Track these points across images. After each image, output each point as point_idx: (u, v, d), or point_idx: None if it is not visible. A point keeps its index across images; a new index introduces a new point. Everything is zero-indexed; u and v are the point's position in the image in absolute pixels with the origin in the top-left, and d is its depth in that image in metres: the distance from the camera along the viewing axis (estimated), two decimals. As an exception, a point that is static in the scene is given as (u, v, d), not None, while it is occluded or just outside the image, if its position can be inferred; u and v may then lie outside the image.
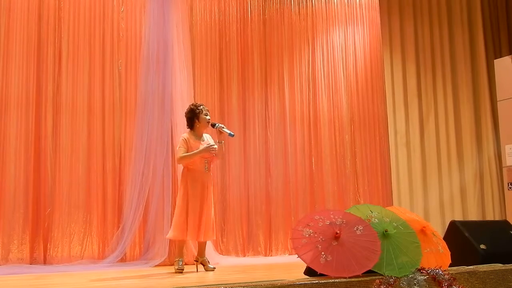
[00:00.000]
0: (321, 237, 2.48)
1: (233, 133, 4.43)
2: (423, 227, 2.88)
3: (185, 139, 4.50)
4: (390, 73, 7.59)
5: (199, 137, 4.60)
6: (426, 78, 7.75)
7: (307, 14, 7.49)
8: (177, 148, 4.67)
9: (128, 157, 6.07)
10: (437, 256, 2.79)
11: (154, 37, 5.93)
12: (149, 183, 5.80)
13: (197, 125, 4.62)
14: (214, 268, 4.69)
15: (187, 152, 4.50)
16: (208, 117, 4.54)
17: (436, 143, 7.36)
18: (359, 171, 7.41)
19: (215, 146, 4.39)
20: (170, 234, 4.48)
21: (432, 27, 7.55)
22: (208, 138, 4.69)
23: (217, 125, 4.45)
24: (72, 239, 5.70)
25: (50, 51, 5.93)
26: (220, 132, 4.53)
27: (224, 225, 6.65)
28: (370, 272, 2.50)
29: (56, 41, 6.00)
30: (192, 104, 4.69)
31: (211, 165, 4.63)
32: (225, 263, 5.76)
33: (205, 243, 4.61)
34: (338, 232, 2.49)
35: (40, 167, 5.72)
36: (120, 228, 5.80)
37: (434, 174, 7.26)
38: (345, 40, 7.66)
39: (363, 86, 7.68)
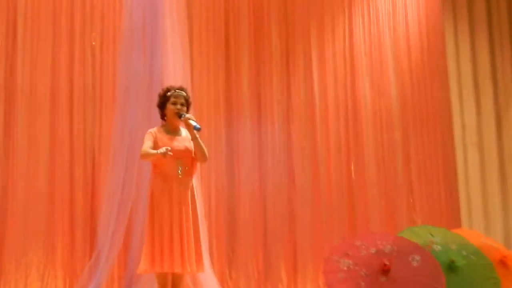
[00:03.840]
0: (364, 270, 2.49)
1: (199, 126, 4.44)
2: (503, 256, 2.90)
3: (151, 133, 4.54)
4: (454, 48, 7.50)
5: (173, 132, 4.62)
6: (504, 55, 7.62)
7: (343, -31, 7.50)
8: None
9: (104, 161, 6.14)
10: (523, 297, 2.68)
11: (138, 4, 6.03)
12: (132, 196, 5.86)
13: (167, 116, 4.62)
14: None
15: (151, 140, 4.48)
16: (177, 106, 4.53)
17: (519, 142, 7.24)
18: (414, 181, 7.39)
19: (170, 153, 4.31)
20: (140, 267, 4.51)
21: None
22: (187, 133, 4.60)
23: (183, 115, 4.47)
24: (29, 272, 5.71)
25: (2, 23, 6.06)
26: (188, 125, 4.47)
27: (232, 254, 6.71)
28: (432, 321, 2.41)
29: (10, 10, 6.12)
30: (161, 89, 4.73)
31: (192, 169, 4.55)
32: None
33: (183, 277, 4.58)
34: (387, 263, 2.49)
35: (-17, 175, 5.87)
36: (93, 258, 5.83)
37: (517, 185, 7.36)
38: (392, 5, 7.66)
39: (418, 66, 7.63)
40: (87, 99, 6.28)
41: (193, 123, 4.41)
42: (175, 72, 6.03)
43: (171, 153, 4.24)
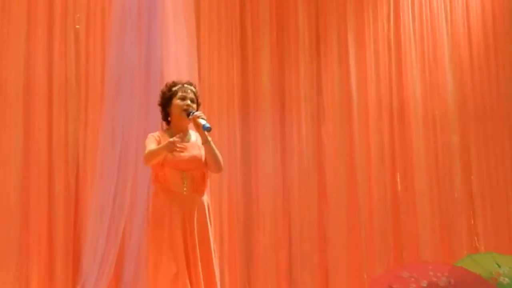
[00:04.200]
0: (413, 307, 2.34)
1: (208, 125, 4.29)
2: None
3: (154, 136, 4.45)
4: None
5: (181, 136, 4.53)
6: None
7: None
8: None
9: (90, 170, 6.13)
10: None
11: (132, -22, 6.03)
12: (126, 213, 5.85)
13: (172, 116, 4.51)
14: None
15: (154, 141, 4.37)
16: (185, 102, 4.41)
17: None
18: (476, 195, 7.37)
19: (180, 143, 4.17)
20: None
21: None
22: (197, 137, 4.56)
23: (192, 113, 4.37)
24: (-1, 307, 5.76)
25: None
26: (197, 124, 4.36)
27: (249, 285, 6.71)
28: None
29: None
30: (166, 85, 4.61)
31: (202, 183, 4.40)
32: None
33: None
34: (442, 300, 2.33)
35: None
36: (77, 290, 5.80)
37: None
38: (448, -23, 7.69)
39: (480, 53, 7.63)
40: (70, 94, 6.26)
41: (202, 121, 4.31)
42: (178, 62, 6.01)
43: (181, 145, 4.15)
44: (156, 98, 5.54)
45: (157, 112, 5.72)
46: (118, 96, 6.01)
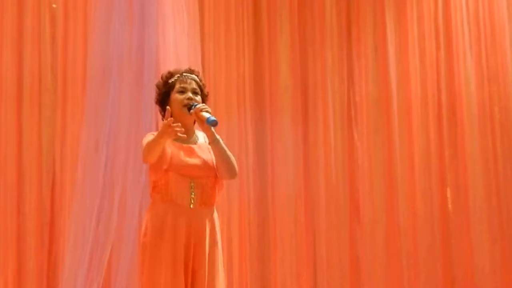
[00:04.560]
0: None
1: (214, 118, 4.24)
2: None
3: (153, 135, 4.37)
4: None
5: (186, 137, 4.43)
6: None
7: None
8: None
9: (69, 184, 6.13)
10: None
11: None
12: (111, 238, 5.76)
13: (173, 114, 4.41)
14: None
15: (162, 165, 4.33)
16: (186, 95, 4.37)
17: None
18: None
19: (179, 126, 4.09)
20: None
21: None
22: (206, 138, 4.44)
23: (193, 106, 4.32)
24: None
25: None
26: (200, 118, 4.29)
27: None
28: None
29: None
30: (161, 77, 4.57)
31: (212, 193, 4.33)
32: None
33: None
34: None
35: None
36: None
37: None
38: None
39: None
40: (43, 89, 6.25)
41: (206, 114, 4.23)
42: (177, 50, 5.98)
43: (179, 129, 4.07)
44: (150, 94, 5.51)
45: (151, 112, 5.83)
46: (103, 92, 5.90)
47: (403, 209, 7.17)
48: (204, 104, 4.33)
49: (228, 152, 4.29)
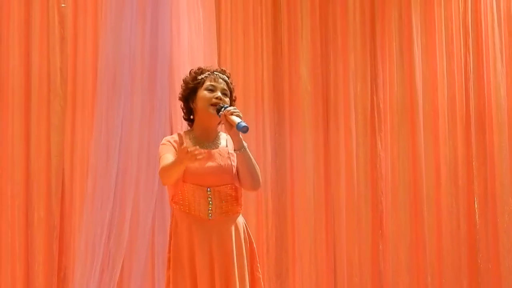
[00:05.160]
0: None
1: (244, 124, 4.11)
2: None
3: (170, 143, 4.32)
4: None
5: (206, 140, 4.40)
6: None
7: None
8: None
9: (79, 194, 6.10)
10: None
11: None
12: (123, 251, 5.71)
13: (197, 112, 4.37)
14: None
15: (172, 151, 4.26)
16: (215, 94, 4.28)
17: None
18: None
19: (201, 154, 4.02)
20: None
21: None
22: (229, 141, 4.40)
23: (223, 107, 4.23)
24: None
25: None
26: (229, 123, 4.17)
27: None
28: None
29: None
30: (189, 72, 4.48)
31: (235, 202, 4.26)
32: None
33: None
34: None
35: None
36: None
37: None
38: None
39: None
40: (52, 93, 6.18)
41: (237, 119, 4.15)
42: (192, 50, 5.97)
43: (201, 155, 3.98)
44: (163, 98, 5.87)
45: (165, 117, 5.84)
46: (114, 96, 5.84)
47: (428, 222, 7.13)
48: (235, 107, 4.26)
49: (254, 162, 4.23)
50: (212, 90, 4.27)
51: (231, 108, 4.18)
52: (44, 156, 6.12)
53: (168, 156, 4.19)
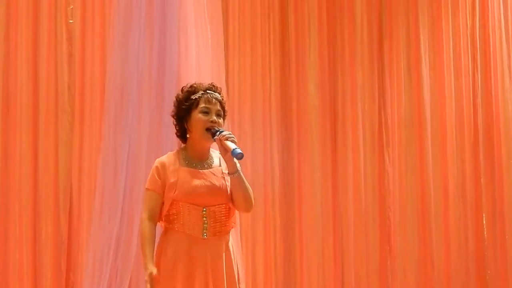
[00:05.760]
0: None
1: (240, 151, 4.08)
2: None
3: (157, 170, 4.26)
4: None
5: (199, 160, 4.34)
6: None
7: None
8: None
9: (86, 209, 6.12)
10: None
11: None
12: (131, 266, 5.68)
13: (191, 133, 4.31)
14: None
15: (156, 200, 4.19)
16: (210, 117, 4.23)
17: None
18: None
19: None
20: None
21: None
22: (222, 160, 4.44)
23: (218, 132, 4.17)
24: None
25: None
26: (224, 148, 4.15)
27: None
28: None
29: None
30: (181, 90, 4.40)
31: (227, 222, 4.23)
32: None
33: None
34: None
35: None
36: None
37: None
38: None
39: None
40: (60, 109, 6.21)
41: (232, 145, 4.13)
42: (199, 66, 5.94)
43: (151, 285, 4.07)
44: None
45: (172, 133, 5.69)
46: (122, 111, 5.84)
47: (436, 238, 7.11)
48: (230, 132, 4.22)
49: (247, 185, 4.21)
50: (206, 112, 4.24)
51: (226, 133, 4.16)
52: (52, 172, 6.14)
53: (149, 203, 4.19)
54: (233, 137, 4.13)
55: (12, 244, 5.98)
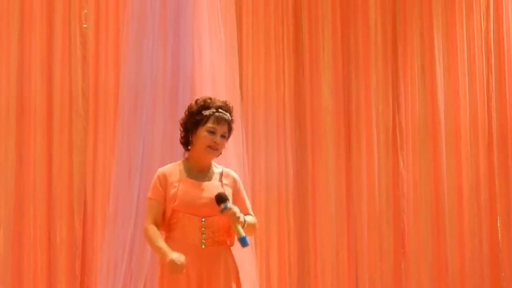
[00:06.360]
0: None
1: (247, 242, 4.14)
2: None
3: (160, 178, 4.32)
4: None
5: (199, 172, 4.39)
6: None
7: None
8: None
9: (101, 214, 6.14)
10: None
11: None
12: (145, 271, 5.68)
13: (193, 146, 4.35)
14: None
15: (158, 209, 4.24)
16: (215, 138, 4.29)
17: None
18: None
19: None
20: None
21: None
22: (223, 175, 4.41)
23: (225, 207, 4.17)
24: None
25: None
26: (229, 218, 4.18)
27: None
28: None
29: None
30: (196, 101, 4.44)
31: (225, 234, 4.26)
32: None
33: None
34: None
35: None
36: None
37: None
38: None
39: None
40: (74, 114, 6.23)
41: (242, 232, 4.16)
42: (213, 72, 5.94)
43: (181, 268, 4.07)
44: None
45: None
46: (136, 116, 5.83)
47: (451, 241, 7.11)
48: (238, 211, 4.18)
49: (255, 227, 4.34)
50: (213, 132, 4.26)
51: (233, 209, 4.13)
52: (66, 176, 6.16)
53: (152, 211, 4.23)
54: (240, 217, 4.12)
55: (26, 248, 5.99)
